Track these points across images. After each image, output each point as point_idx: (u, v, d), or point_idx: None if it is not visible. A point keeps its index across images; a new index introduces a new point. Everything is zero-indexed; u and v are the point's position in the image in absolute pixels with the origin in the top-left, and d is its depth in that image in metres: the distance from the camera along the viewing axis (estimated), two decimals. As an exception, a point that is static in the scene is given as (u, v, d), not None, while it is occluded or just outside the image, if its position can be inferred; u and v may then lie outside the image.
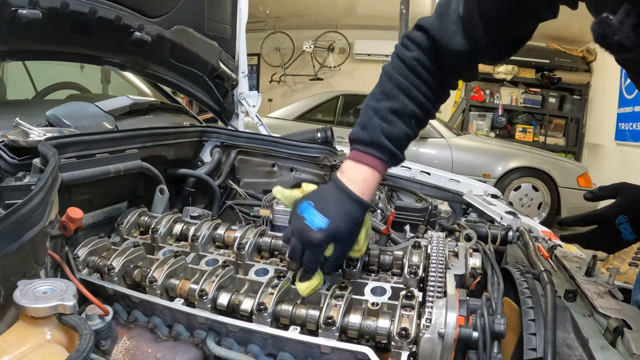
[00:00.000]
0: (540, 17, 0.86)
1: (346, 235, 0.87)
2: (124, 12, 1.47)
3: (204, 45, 1.90)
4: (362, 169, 0.90)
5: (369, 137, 0.90)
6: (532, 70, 7.90)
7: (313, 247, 0.85)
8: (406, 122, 0.91)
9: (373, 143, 0.89)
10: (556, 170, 5.36)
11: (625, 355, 0.77)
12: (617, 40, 0.57)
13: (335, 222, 0.84)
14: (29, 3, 1.19)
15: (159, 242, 1.13)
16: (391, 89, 0.92)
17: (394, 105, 0.91)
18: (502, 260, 1.20)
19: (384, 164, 0.91)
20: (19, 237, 0.75)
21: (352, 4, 8.67)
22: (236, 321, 0.84)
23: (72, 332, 0.72)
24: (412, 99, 0.91)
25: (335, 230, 0.84)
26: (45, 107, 1.31)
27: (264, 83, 10.57)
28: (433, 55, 0.91)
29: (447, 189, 2.05)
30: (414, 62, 0.91)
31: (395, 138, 0.90)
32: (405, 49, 0.93)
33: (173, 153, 1.55)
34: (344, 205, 0.86)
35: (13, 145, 1.04)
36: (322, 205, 0.86)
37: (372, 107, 0.92)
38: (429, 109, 0.95)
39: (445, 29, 0.87)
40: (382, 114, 0.90)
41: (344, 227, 0.85)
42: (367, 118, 0.92)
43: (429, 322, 0.74)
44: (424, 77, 0.92)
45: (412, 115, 0.92)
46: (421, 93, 0.92)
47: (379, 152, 0.90)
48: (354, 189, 0.88)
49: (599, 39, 0.60)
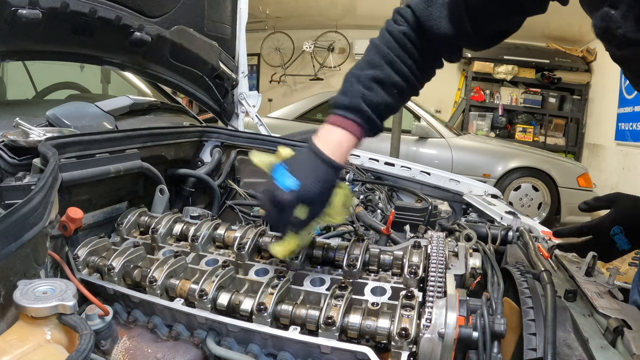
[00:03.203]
0: (527, 10, 0.86)
1: (316, 197, 0.87)
2: (124, 12, 1.47)
3: (204, 45, 1.89)
4: (338, 132, 0.90)
5: (349, 102, 0.90)
6: (532, 70, 7.90)
7: (282, 207, 0.85)
8: (388, 92, 0.92)
9: (352, 107, 0.90)
10: (556, 170, 5.36)
11: (625, 355, 0.77)
12: (621, 33, 0.57)
13: (304, 183, 0.85)
14: (29, 3, 1.19)
15: (159, 242, 1.13)
16: (376, 59, 0.92)
17: (378, 74, 0.91)
18: (502, 260, 1.20)
19: (361, 128, 0.91)
20: (19, 237, 0.75)
21: (352, 4, 8.66)
22: (236, 321, 0.84)
23: (72, 332, 0.72)
24: (396, 70, 0.92)
25: (304, 191, 0.85)
26: (45, 107, 1.31)
27: (264, 83, 10.57)
28: (419, 34, 0.93)
29: (447, 189, 2.05)
30: (401, 35, 0.92)
31: (375, 105, 0.90)
32: (394, 24, 0.95)
33: (173, 153, 1.55)
34: (314, 167, 0.87)
35: (13, 145, 1.04)
36: (294, 167, 0.87)
37: (354, 74, 0.93)
38: (412, 82, 0.95)
39: (431, 12, 0.88)
40: (364, 81, 0.90)
41: (313, 188, 0.85)
42: (348, 84, 0.92)
43: (429, 322, 0.74)
44: (411, 51, 0.93)
45: (394, 85, 0.92)
46: (406, 66, 0.93)
47: (356, 116, 0.90)
48: (327, 151, 0.88)
49: (602, 33, 0.59)
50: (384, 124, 0.96)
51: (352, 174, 1.83)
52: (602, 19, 0.58)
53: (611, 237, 1.07)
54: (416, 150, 5.54)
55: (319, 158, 0.88)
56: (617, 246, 1.07)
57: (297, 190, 0.84)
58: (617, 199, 1.11)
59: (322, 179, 0.86)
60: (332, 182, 0.90)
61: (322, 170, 0.87)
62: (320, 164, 0.87)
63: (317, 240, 1.07)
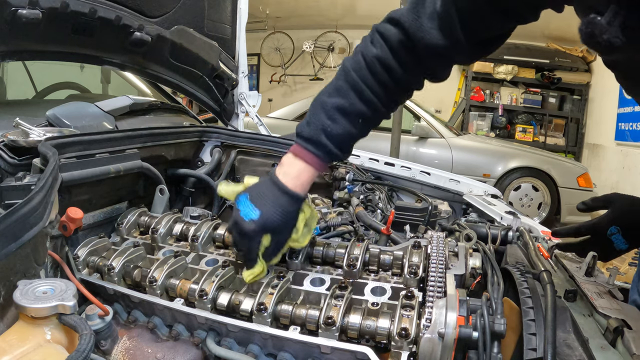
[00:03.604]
0: (519, 18, 0.84)
1: (279, 226, 0.90)
2: (124, 12, 1.47)
3: (204, 45, 1.89)
4: (298, 163, 0.92)
5: (310, 134, 0.91)
6: (532, 70, 7.90)
7: (247, 237, 0.89)
8: (351, 122, 0.91)
9: (312, 140, 0.91)
10: (556, 170, 5.36)
11: (625, 355, 0.77)
12: (606, 39, 0.58)
13: (266, 214, 0.88)
14: (29, 3, 1.19)
15: (159, 242, 1.13)
16: (343, 86, 0.92)
17: (342, 103, 0.91)
18: (502, 260, 1.20)
19: (320, 160, 0.92)
20: (19, 237, 0.75)
21: (352, 4, 8.66)
22: (236, 321, 0.84)
23: (72, 332, 0.72)
24: (363, 99, 0.91)
25: (266, 222, 0.88)
26: (45, 107, 1.31)
27: (264, 83, 10.57)
28: (402, 51, 0.90)
29: (447, 189, 2.05)
30: (374, 60, 0.90)
31: (337, 137, 0.91)
32: (370, 45, 0.92)
33: (173, 153, 1.55)
34: (275, 198, 0.89)
35: (13, 145, 1.04)
36: (256, 198, 0.90)
37: (320, 102, 0.93)
38: (379, 110, 0.94)
39: (421, 23, 0.85)
40: (328, 110, 0.91)
41: (275, 219, 0.88)
42: (313, 113, 0.93)
43: (429, 322, 0.74)
44: (381, 77, 0.91)
45: (359, 115, 0.92)
46: (374, 93, 0.91)
47: (316, 149, 0.91)
48: (287, 182, 0.91)
49: (587, 39, 0.60)
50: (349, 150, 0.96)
51: (352, 174, 1.83)
52: (587, 25, 0.59)
53: (608, 237, 1.07)
54: (416, 150, 5.54)
55: (278, 189, 0.90)
56: (615, 246, 1.07)
57: (258, 220, 0.87)
58: (614, 199, 1.11)
59: (282, 209, 0.89)
60: (293, 211, 0.92)
61: (282, 200, 0.90)
62: (280, 194, 0.90)
63: (317, 240, 1.07)
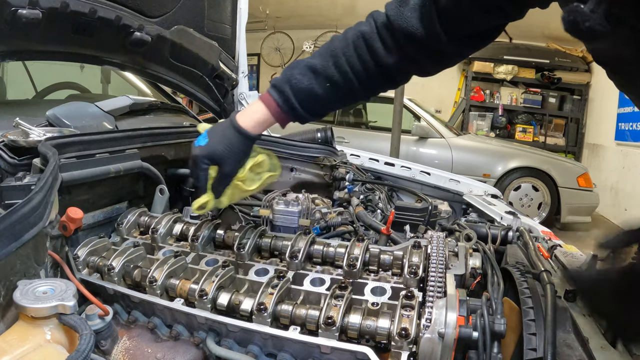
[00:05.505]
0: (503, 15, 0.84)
1: (222, 156, 0.97)
2: (124, 12, 1.47)
3: (204, 45, 1.89)
4: (258, 104, 0.99)
5: (277, 81, 0.98)
6: (532, 70, 7.90)
7: (195, 162, 0.98)
8: (319, 82, 0.95)
9: (277, 86, 0.97)
10: (556, 170, 5.36)
11: (625, 355, 0.77)
12: (588, 26, 0.58)
13: (213, 143, 0.97)
14: (29, 3, 1.19)
15: (159, 242, 1.13)
16: (323, 52, 0.96)
17: (316, 63, 0.95)
18: (502, 260, 1.20)
19: (277, 106, 0.97)
20: (19, 237, 0.75)
21: (352, 4, 8.66)
22: (236, 321, 0.84)
23: (72, 332, 0.72)
24: (337, 65, 0.94)
25: (212, 150, 0.97)
26: (45, 107, 1.31)
27: (264, 83, 10.57)
28: (385, 33, 0.92)
29: (447, 189, 2.06)
30: (359, 35, 0.93)
31: (300, 90, 0.95)
32: (360, 23, 0.96)
33: (173, 153, 1.55)
34: (225, 132, 0.98)
35: (13, 145, 1.04)
36: (212, 130, 1.01)
37: (301, 61, 0.98)
38: (351, 82, 0.95)
39: (402, 11, 0.88)
40: (302, 67, 0.96)
41: (218, 148, 0.97)
42: (290, 67, 0.99)
43: (429, 322, 0.74)
44: (362, 53, 0.93)
45: (328, 78, 0.95)
46: (350, 65, 0.94)
47: (277, 94, 0.97)
48: (240, 118, 0.98)
49: (570, 27, 0.61)
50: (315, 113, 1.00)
51: (352, 174, 1.83)
52: (569, 13, 0.60)
53: None
54: (416, 150, 5.54)
55: (231, 125, 0.99)
56: None
57: (205, 147, 0.97)
58: None
59: (227, 140, 0.97)
60: (240, 147, 0.99)
61: (229, 133, 0.98)
62: (230, 128, 0.98)
63: (317, 240, 1.07)
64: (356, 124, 6.48)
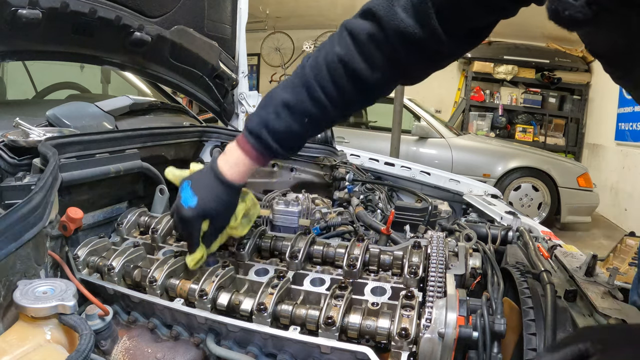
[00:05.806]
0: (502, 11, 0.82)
1: (216, 213, 0.93)
2: (124, 12, 1.47)
3: (204, 45, 1.89)
4: (238, 153, 0.94)
5: (253, 126, 0.92)
6: (532, 70, 7.91)
7: (186, 223, 0.92)
8: (296, 119, 0.90)
9: (253, 132, 0.92)
10: (556, 170, 5.36)
11: (625, 355, 0.77)
12: (568, 14, 0.59)
13: (203, 201, 0.91)
14: (29, 3, 1.19)
15: (159, 242, 1.13)
16: (296, 82, 0.91)
17: (290, 99, 0.90)
18: (502, 260, 1.20)
19: (258, 153, 0.93)
20: (19, 237, 0.75)
21: (352, 4, 8.64)
22: (236, 321, 0.84)
23: (72, 332, 0.72)
24: (312, 97, 0.89)
25: (204, 209, 0.91)
26: (45, 107, 1.31)
27: (264, 83, 10.56)
28: (370, 46, 0.85)
29: (447, 189, 2.06)
30: (334, 59, 0.87)
31: (277, 133, 0.91)
32: (335, 44, 0.89)
33: (173, 153, 1.55)
34: (212, 186, 0.93)
35: (13, 145, 1.04)
36: (196, 185, 0.93)
37: (272, 95, 0.93)
38: (327, 110, 0.90)
39: (395, 11, 0.82)
40: (276, 105, 0.91)
41: (211, 206, 0.92)
42: (262, 105, 0.94)
43: (429, 322, 0.74)
44: (339, 77, 0.87)
45: (304, 114, 0.90)
46: (325, 93, 0.88)
47: (256, 141, 0.92)
48: (225, 170, 0.93)
49: (553, 15, 0.62)
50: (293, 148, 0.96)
51: (352, 174, 1.83)
52: (552, 2, 0.61)
53: None
54: (416, 150, 5.54)
55: (215, 177, 0.93)
56: None
57: (196, 207, 0.91)
58: None
59: (219, 196, 0.92)
60: (230, 199, 0.95)
61: (219, 189, 0.92)
62: (218, 183, 0.93)
63: (317, 240, 1.07)
64: (356, 124, 6.47)
